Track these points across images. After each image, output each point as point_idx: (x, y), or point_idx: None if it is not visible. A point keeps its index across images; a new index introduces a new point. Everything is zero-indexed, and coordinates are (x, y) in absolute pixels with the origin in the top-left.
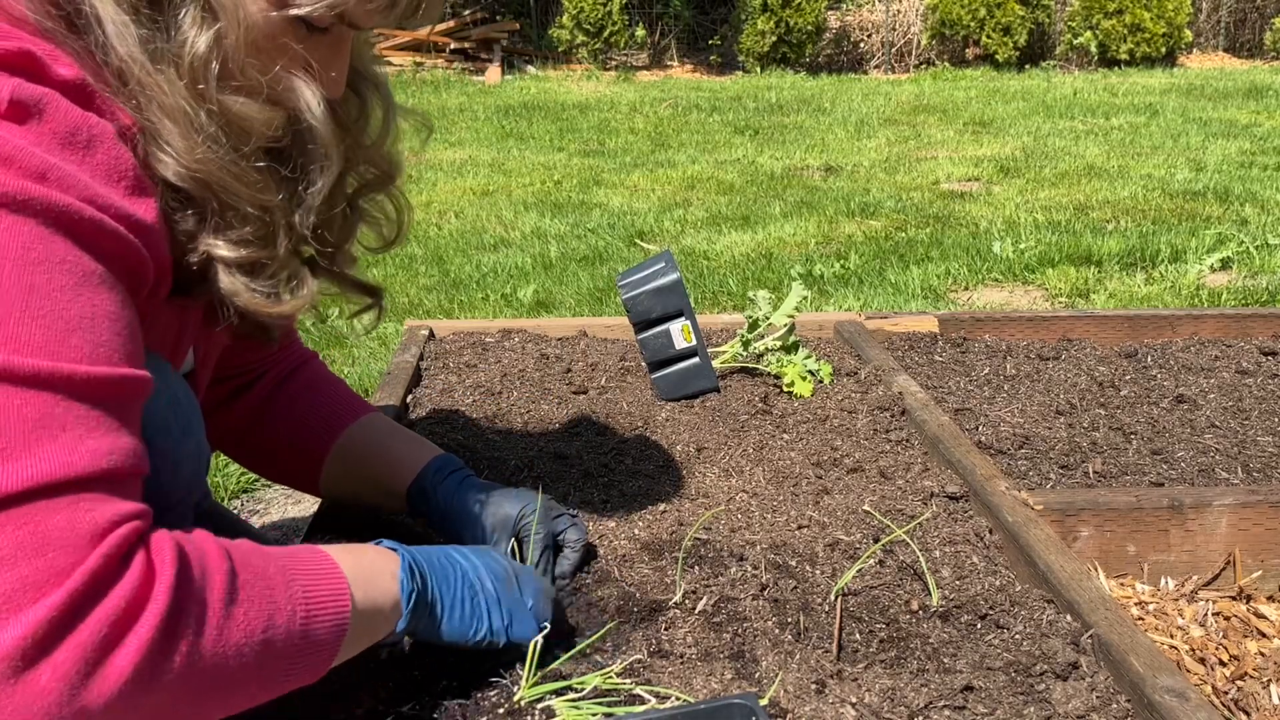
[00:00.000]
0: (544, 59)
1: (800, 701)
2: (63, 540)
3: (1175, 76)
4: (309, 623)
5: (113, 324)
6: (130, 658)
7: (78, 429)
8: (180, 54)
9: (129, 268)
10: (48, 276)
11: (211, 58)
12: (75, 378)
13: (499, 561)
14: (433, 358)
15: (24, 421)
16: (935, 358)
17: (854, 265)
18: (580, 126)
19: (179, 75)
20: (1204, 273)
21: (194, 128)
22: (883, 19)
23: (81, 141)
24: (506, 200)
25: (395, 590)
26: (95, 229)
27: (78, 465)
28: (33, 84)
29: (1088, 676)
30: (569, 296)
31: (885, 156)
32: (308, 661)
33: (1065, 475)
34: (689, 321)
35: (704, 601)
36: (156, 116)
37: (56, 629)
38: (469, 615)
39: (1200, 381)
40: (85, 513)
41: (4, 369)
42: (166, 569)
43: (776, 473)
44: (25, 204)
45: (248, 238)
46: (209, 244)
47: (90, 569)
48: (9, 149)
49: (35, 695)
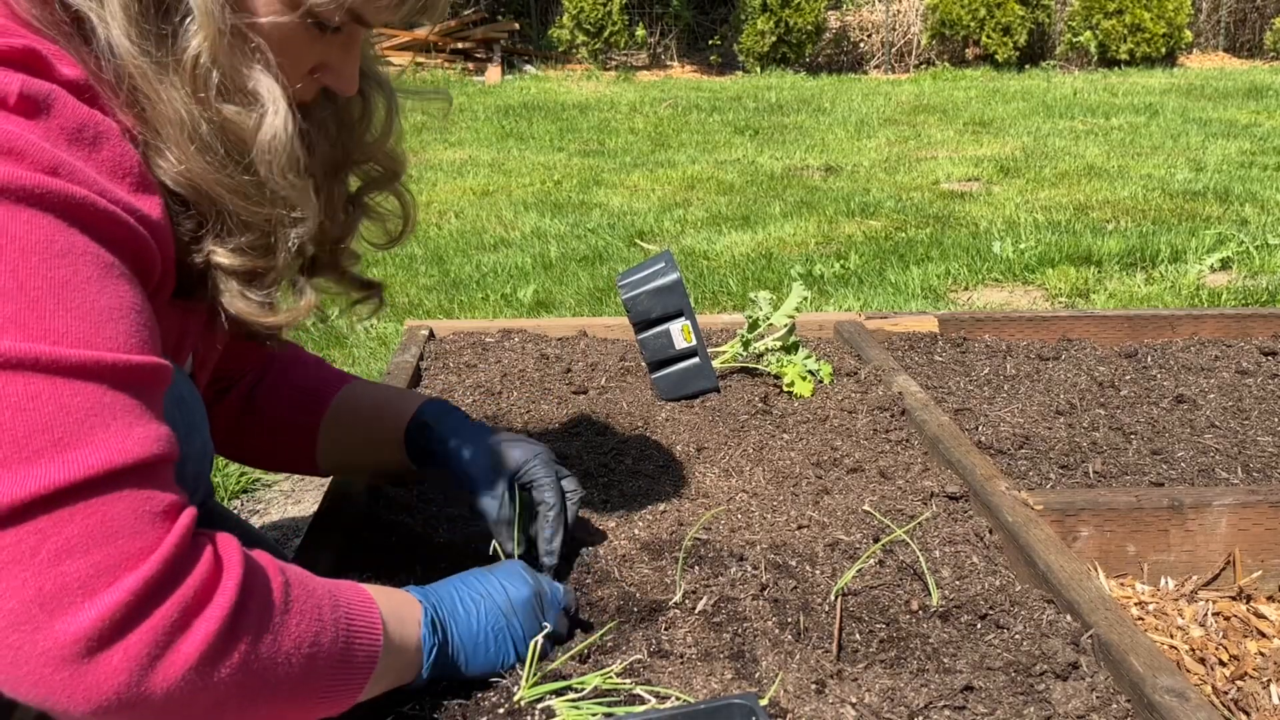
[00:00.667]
0: (544, 59)
1: (800, 701)
2: (131, 527)
3: (1175, 76)
4: (350, 645)
5: (138, 314)
6: (197, 645)
7: (126, 417)
8: (181, 62)
9: (140, 260)
10: (74, 269)
11: (212, 64)
12: (119, 366)
13: (525, 586)
14: (433, 358)
15: (76, 411)
16: (935, 358)
17: (854, 265)
18: (580, 126)
19: (180, 83)
20: (1204, 273)
21: (191, 137)
22: (883, 19)
23: (88, 138)
24: (506, 200)
25: (419, 636)
26: (110, 221)
27: (134, 452)
28: (40, 80)
29: (1088, 676)
30: (569, 296)
31: (885, 156)
32: (344, 683)
33: (1065, 475)
34: (689, 321)
35: (704, 601)
36: (157, 124)
37: (133, 612)
38: (494, 654)
39: (1200, 381)
40: (147, 499)
41: (50, 361)
42: (235, 565)
43: (776, 473)
44: (42, 197)
45: (245, 247)
46: (211, 250)
47: (164, 555)
48: (21, 143)
49: (104, 677)
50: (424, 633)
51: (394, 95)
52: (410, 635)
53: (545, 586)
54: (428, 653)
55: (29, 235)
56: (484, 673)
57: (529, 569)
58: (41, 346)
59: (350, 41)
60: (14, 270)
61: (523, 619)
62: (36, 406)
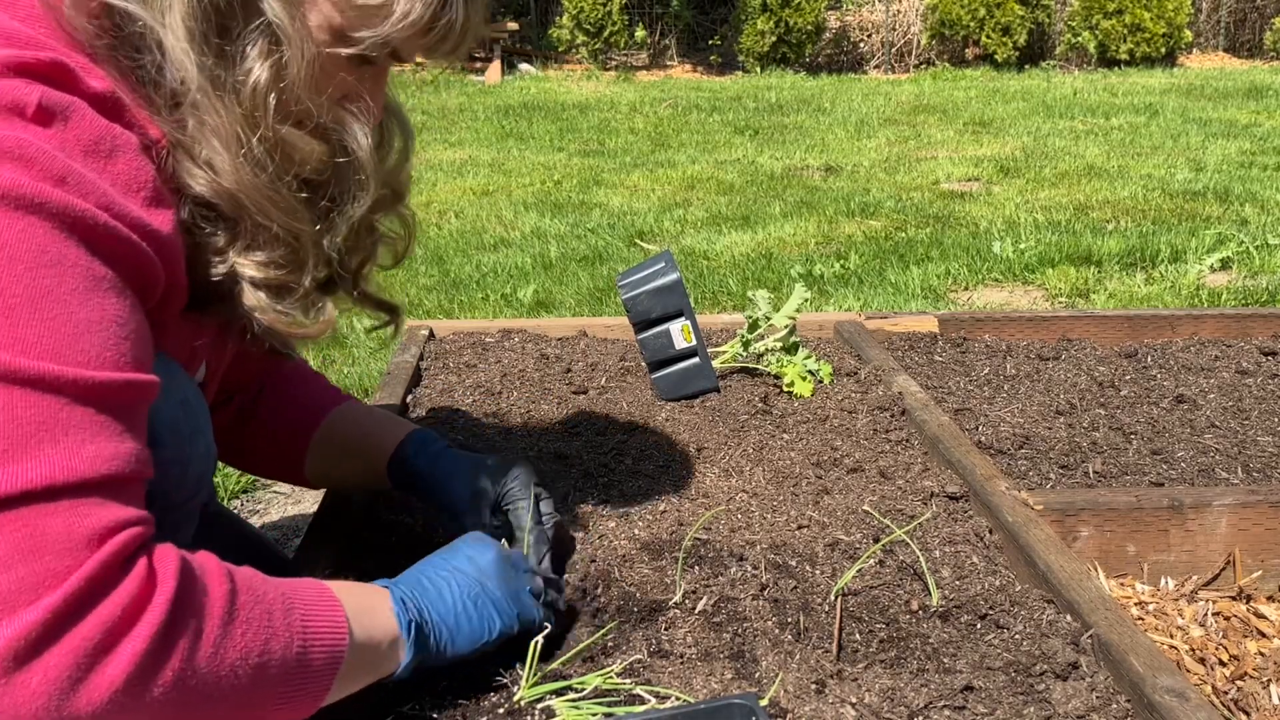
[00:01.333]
0: (544, 59)
1: (800, 701)
2: (60, 544)
3: (1175, 76)
4: (306, 651)
5: (121, 328)
6: (123, 666)
7: (80, 433)
8: (242, 83)
9: (140, 275)
10: (58, 279)
11: (272, 89)
12: (80, 382)
13: (489, 549)
14: (433, 358)
15: (26, 424)
16: (935, 358)
17: (854, 265)
18: (580, 126)
19: (238, 103)
20: (1204, 273)
21: (243, 153)
22: (883, 19)
23: (104, 150)
24: (506, 200)
25: (393, 625)
26: (108, 235)
27: (79, 469)
28: (60, 92)
29: (1088, 676)
30: (569, 296)
31: (885, 156)
32: (302, 690)
33: (1065, 475)
34: (689, 321)
35: (704, 601)
36: (205, 138)
37: (50, 631)
38: (477, 623)
39: (1200, 381)
40: (84, 517)
41: (8, 369)
42: (168, 580)
43: (776, 473)
44: (41, 206)
45: (277, 260)
46: (237, 262)
47: (87, 574)
48: (31, 150)
49: (24, 698)
50: (397, 611)
51: (409, 124)
52: (380, 627)
53: (510, 552)
54: (406, 629)
55: (20, 242)
56: (472, 646)
57: (487, 536)
58: (3, 355)
59: (381, 74)
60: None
61: (497, 582)
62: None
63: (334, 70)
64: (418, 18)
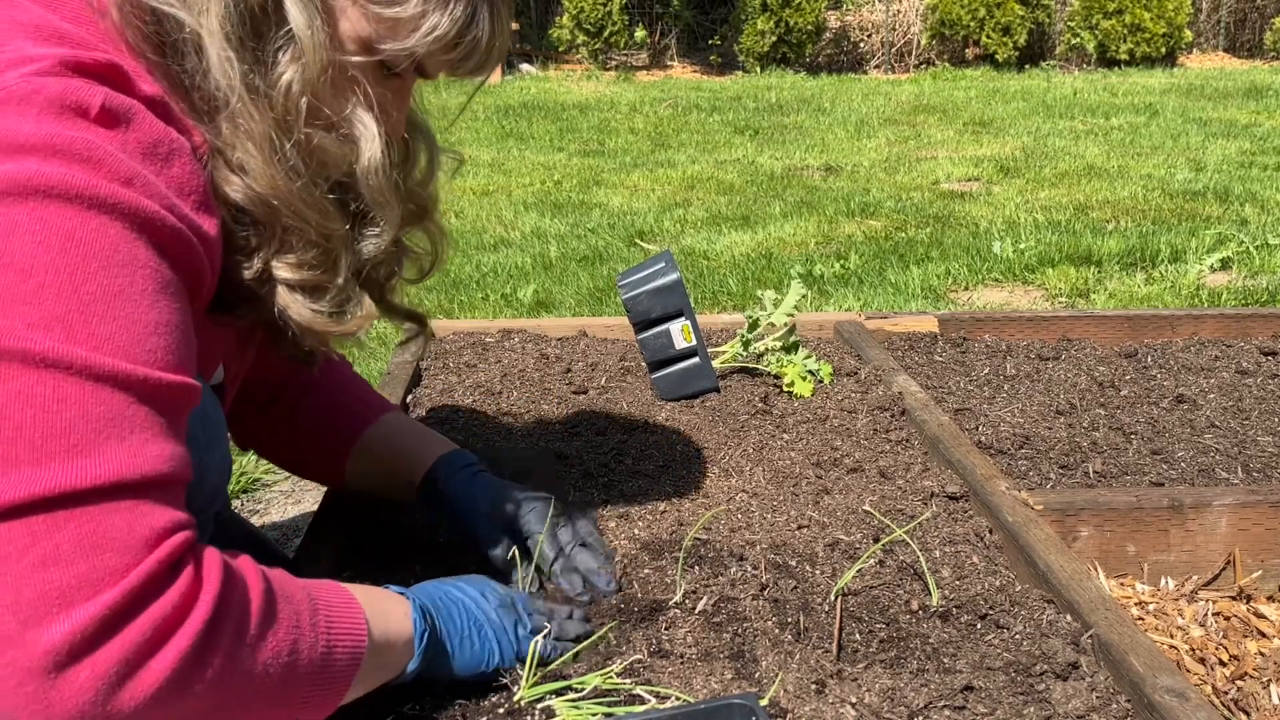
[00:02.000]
0: (544, 59)
1: (800, 701)
2: (122, 542)
3: (1175, 76)
4: (330, 650)
5: (181, 332)
6: (167, 664)
7: (144, 432)
8: (275, 87)
9: (195, 279)
10: (130, 279)
11: (303, 93)
12: (149, 382)
13: (495, 589)
14: (433, 358)
15: (97, 419)
16: (935, 358)
17: (854, 265)
18: (580, 126)
19: (270, 107)
20: (1204, 273)
21: (277, 157)
22: (883, 19)
23: (162, 154)
24: (506, 200)
25: (408, 629)
26: (175, 238)
27: (143, 468)
28: (121, 94)
29: (1088, 676)
30: (569, 296)
31: (885, 156)
32: (325, 688)
33: (1065, 475)
34: (689, 321)
35: (704, 601)
36: (240, 143)
37: (104, 629)
38: (479, 648)
39: (1200, 381)
40: (144, 516)
41: (84, 365)
42: (213, 581)
43: (776, 473)
44: (115, 206)
45: (310, 262)
46: (271, 264)
47: (144, 573)
48: (100, 153)
49: (71, 693)
50: (414, 617)
51: (435, 144)
52: (395, 630)
53: (514, 593)
54: (419, 637)
55: (96, 241)
56: (471, 671)
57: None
58: (79, 350)
59: (405, 88)
60: (73, 273)
61: (498, 618)
62: (61, 410)
63: (358, 77)
64: (444, 33)
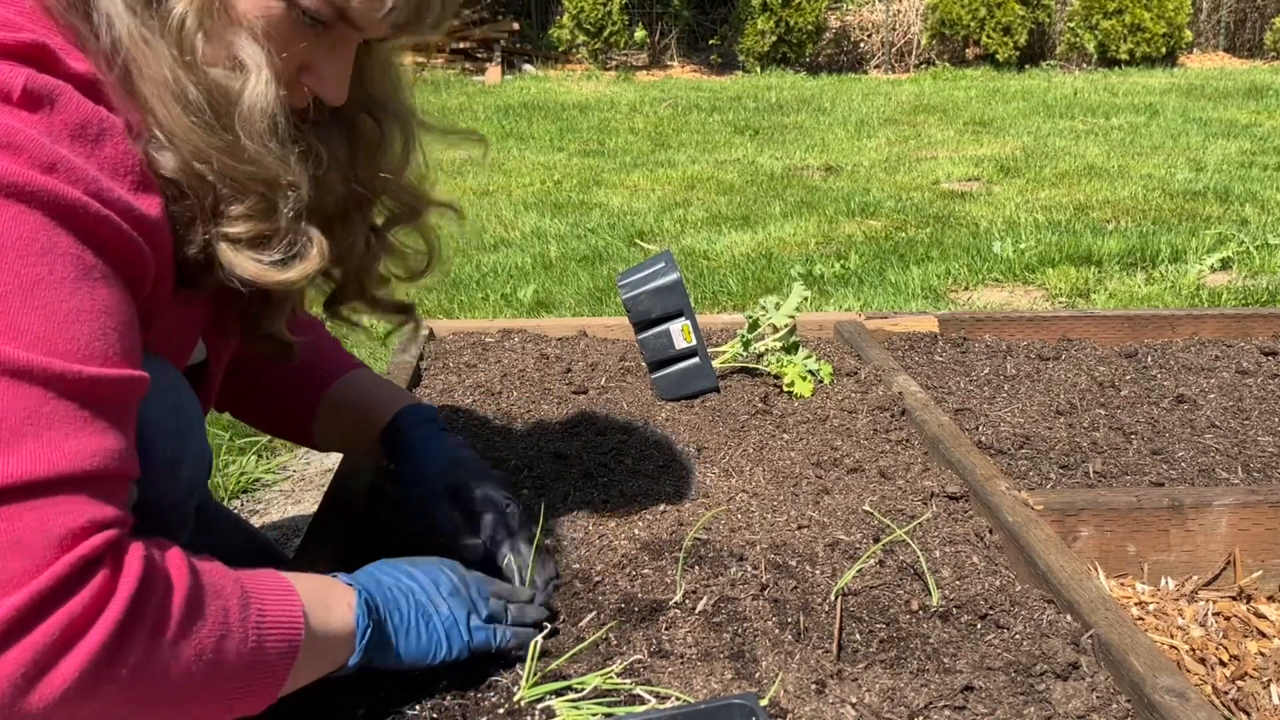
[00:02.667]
0: (544, 59)
1: (800, 701)
2: (33, 542)
3: (1175, 76)
4: (261, 645)
5: (111, 321)
6: (75, 665)
7: (65, 427)
8: (168, 25)
9: (130, 264)
10: (49, 269)
11: (197, 28)
12: (68, 375)
13: (449, 574)
14: (433, 358)
15: (11, 415)
16: (935, 358)
17: (854, 265)
18: (580, 126)
19: (167, 46)
20: (1204, 273)
21: (178, 98)
22: (883, 19)
23: (91, 135)
24: (506, 200)
25: (350, 622)
26: (100, 223)
27: (60, 464)
28: (45, 75)
29: (1088, 676)
30: (569, 296)
31: (885, 156)
32: (257, 682)
33: (1065, 475)
34: (689, 321)
35: (704, 601)
36: (154, 98)
37: (11, 631)
38: (426, 640)
39: (1200, 381)
40: (60, 515)
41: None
42: (129, 581)
43: (776, 473)
44: (33, 195)
45: (248, 212)
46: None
47: (55, 574)
48: (20, 138)
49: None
50: (358, 614)
51: (413, 131)
52: (336, 622)
53: (468, 577)
54: (361, 634)
55: (12, 230)
56: (417, 662)
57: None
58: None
59: (338, 44)
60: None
61: (450, 607)
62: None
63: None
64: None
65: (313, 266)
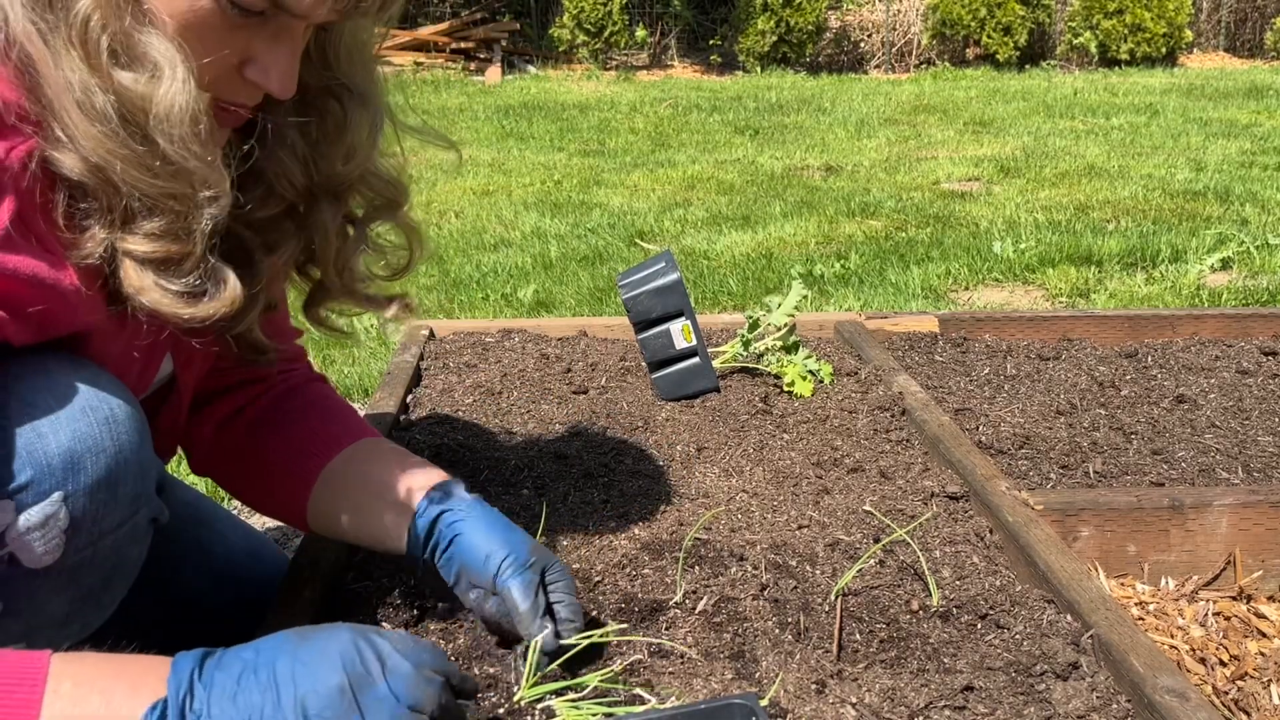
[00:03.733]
0: (544, 59)
1: (800, 701)
2: None
3: (1175, 76)
4: None
5: None
6: None
7: None
8: (71, 25)
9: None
10: None
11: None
12: None
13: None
14: (433, 358)
15: None
16: (935, 358)
17: (854, 265)
18: (580, 126)
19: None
20: (1204, 273)
21: (81, 105)
22: (883, 19)
23: None
24: (506, 200)
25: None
26: None
27: None
28: None
29: (1088, 676)
30: (569, 296)
31: (885, 156)
32: None
33: (1065, 475)
34: (689, 321)
35: (704, 601)
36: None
37: None
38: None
39: (1200, 381)
40: None
41: None
42: None
43: (776, 473)
44: None
45: (157, 231)
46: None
47: None
48: None
49: None
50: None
51: (379, 115)
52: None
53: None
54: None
55: None
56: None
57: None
58: None
59: (280, 34)
60: None
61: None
62: None
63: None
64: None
65: (224, 306)
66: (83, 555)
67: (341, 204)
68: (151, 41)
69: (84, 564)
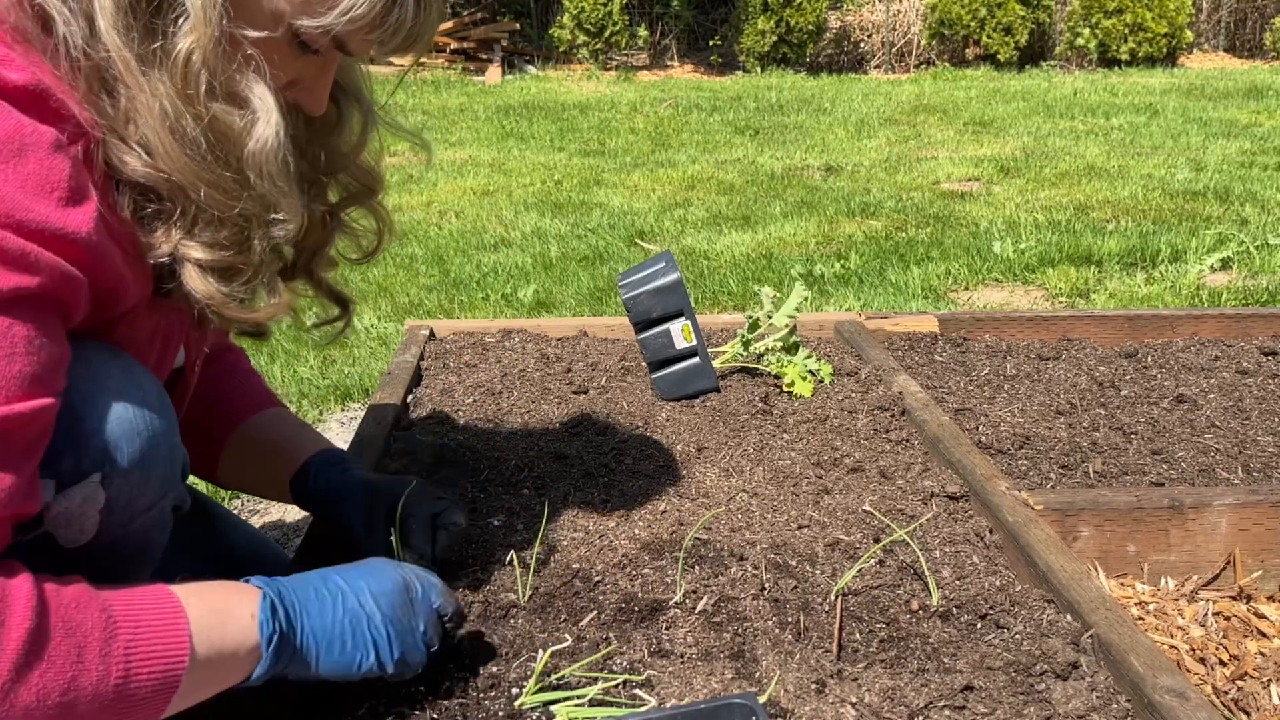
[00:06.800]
0: (544, 59)
1: (800, 701)
2: None
3: (1175, 76)
4: (126, 680)
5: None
6: None
7: None
8: (172, 58)
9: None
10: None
11: (202, 65)
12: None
13: (389, 579)
14: (433, 358)
15: None
16: (935, 358)
17: (854, 265)
18: (580, 126)
19: (169, 80)
20: (1204, 273)
21: (173, 131)
22: (883, 19)
23: (14, 150)
24: (507, 200)
25: (253, 635)
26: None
27: None
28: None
29: (1088, 676)
30: (569, 296)
31: (885, 156)
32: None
33: (1065, 475)
34: (689, 321)
35: (704, 601)
36: (140, 118)
37: None
38: (350, 649)
39: (1200, 381)
40: None
41: None
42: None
43: (776, 473)
44: None
45: (222, 242)
46: (182, 245)
47: None
48: None
49: None
50: (262, 619)
51: (372, 112)
52: (234, 638)
53: (416, 583)
54: (266, 641)
55: None
56: (336, 673)
57: (399, 563)
58: None
59: (327, 64)
60: None
61: (386, 617)
62: None
63: (273, 53)
64: (362, 14)
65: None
66: (114, 536)
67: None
68: (253, 87)
69: (115, 545)
